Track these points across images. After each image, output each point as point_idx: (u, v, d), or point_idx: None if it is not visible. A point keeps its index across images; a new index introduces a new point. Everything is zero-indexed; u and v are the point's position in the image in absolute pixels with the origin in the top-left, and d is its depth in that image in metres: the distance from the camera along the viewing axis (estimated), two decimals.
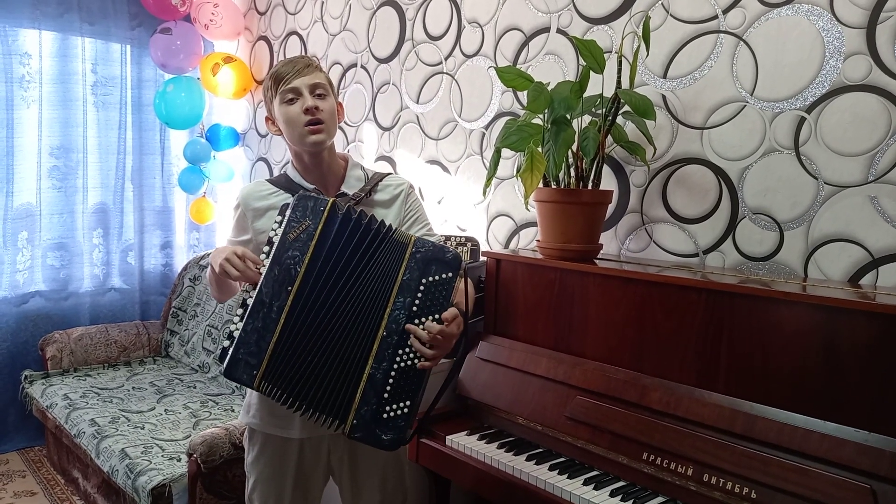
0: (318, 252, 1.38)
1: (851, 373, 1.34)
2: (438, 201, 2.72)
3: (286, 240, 1.39)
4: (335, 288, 1.38)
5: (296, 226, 1.39)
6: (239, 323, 1.39)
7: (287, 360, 1.37)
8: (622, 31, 2.06)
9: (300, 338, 1.38)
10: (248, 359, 1.35)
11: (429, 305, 1.37)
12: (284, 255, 1.39)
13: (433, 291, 1.38)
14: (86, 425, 2.64)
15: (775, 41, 1.76)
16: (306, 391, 1.37)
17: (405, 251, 1.40)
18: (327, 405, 1.37)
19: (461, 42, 2.59)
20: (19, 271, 3.45)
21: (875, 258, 1.62)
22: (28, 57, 3.38)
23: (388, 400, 1.36)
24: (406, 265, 1.39)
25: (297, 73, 1.50)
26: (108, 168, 3.69)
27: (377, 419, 1.35)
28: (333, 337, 1.38)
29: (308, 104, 1.49)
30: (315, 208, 1.41)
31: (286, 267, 1.38)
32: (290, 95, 1.50)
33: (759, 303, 1.46)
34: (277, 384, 1.36)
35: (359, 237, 1.40)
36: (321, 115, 1.50)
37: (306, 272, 1.38)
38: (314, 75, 1.52)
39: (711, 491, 1.40)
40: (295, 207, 1.40)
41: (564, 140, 1.77)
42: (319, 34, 3.28)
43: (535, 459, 1.66)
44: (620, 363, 1.69)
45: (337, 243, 1.39)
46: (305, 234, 1.39)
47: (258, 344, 1.36)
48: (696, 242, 1.94)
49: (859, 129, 1.63)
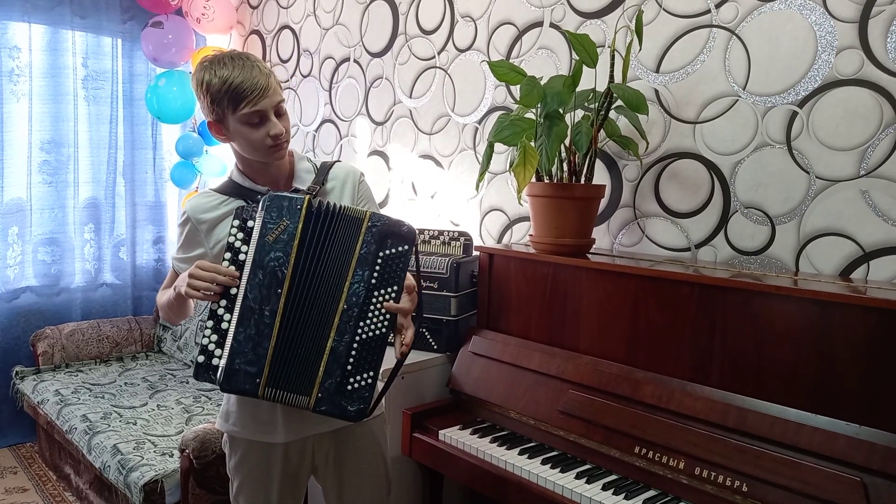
0: (300, 251, 1.37)
1: (843, 366, 1.34)
2: (431, 196, 2.71)
3: (265, 242, 1.35)
4: (315, 280, 1.38)
5: (273, 227, 1.36)
6: (212, 335, 1.36)
7: (286, 362, 1.36)
8: (615, 26, 2.06)
9: (293, 337, 1.37)
10: (246, 368, 1.33)
11: (386, 278, 1.38)
12: (266, 257, 1.35)
13: (390, 264, 1.39)
14: (77, 421, 2.63)
15: (768, 35, 1.76)
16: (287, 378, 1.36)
17: (361, 225, 1.38)
18: (293, 383, 1.36)
19: (454, 36, 2.58)
20: (10, 266, 3.42)
21: (866, 252, 1.63)
22: (18, 50, 3.35)
23: (351, 372, 1.36)
24: (363, 239, 1.38)
25: (261, 93, 1.39)
26: (99, 163, 3.66)
27: (342, 391, 1.35)
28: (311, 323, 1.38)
29: (276, 131, 1.41)
30: (291, 207, 1.37)
31: (271, 270, 1.35)
32: (255, 119, 1.40)
33: (752, 297, 1.46)
34: (281, 387, 1.36)
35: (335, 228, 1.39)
36: (286, 137, 1.45)
37: (293, 273, 1.36)
38: (275, 91, 1.42)
39: (703, 484, 1.41)
40: (269, 209, 1.36)
41: (557, 134, 1.76)
42: (312, 28, 3.26)
43: (528, 453, 1.66)
44: (613, 357, 1.69)
45: (315, 238, 1.38)
46: (286, 234, 1.36)
47: (255, 351, 1.34)
48: (688, 237, 1.94)
49: (851, 123, 1.64)
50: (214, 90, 1.39)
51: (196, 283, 1.35)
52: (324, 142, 3.25)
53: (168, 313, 1.54)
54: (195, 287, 1.35)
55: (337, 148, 3.17)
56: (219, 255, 1.51)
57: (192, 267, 1.37)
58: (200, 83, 1.42)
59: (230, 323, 1.36)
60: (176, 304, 1.49)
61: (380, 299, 1.37)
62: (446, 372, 2.03)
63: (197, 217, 1.51)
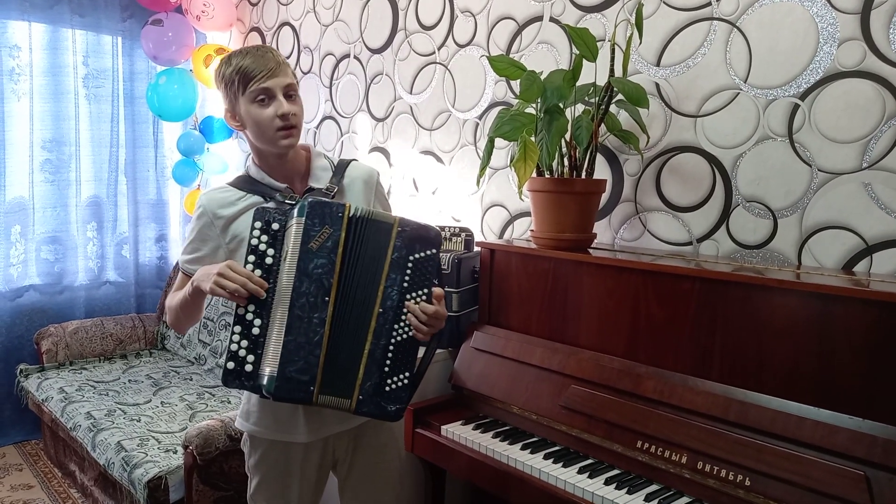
0: (345, 258, 1.38)
1: (845, 360, 1.34)
2: (433, 192, 2.71)
3: (307, 249, 1.36)
4: (355, 286, 1.39)
5: (315, 234, 1.36)
6: (241, 341, 1.36)
7: (334, 368, 1.37)
8: (615, 19, 2.05)
9: (339, 343, 1.38)
10: (299, 376, 1.34)
11: (417, 281, 1.41)
12: (310, 265, 1.36)
13: (420, 268, 1.41)
14: (82, 418, 2.64)
15: (769, 28, 1.75)
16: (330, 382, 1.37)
17: (391, 230, 1.40)
18: (336, 385, 1.37)
19: (454, 32, 2.57)
20: (13, 265, 3.43)
21: (869, 245, 1.62)
22: (18, 49, 3.35)
23: (388, 373, 1.39)
24: (393, 244, 1.40)
25: (269, 72, 1.41)
26: (101, 161, 3.67)
27: (380, 392, 1.38)
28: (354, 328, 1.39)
29: (284, 109, 1.42)
30: (333, 214, 1.37)
31: (317, 277, 1.36)
32: (262, 96, 1.42)
33: (753, 291, 1.46)
34: (334, 393, 1.37)
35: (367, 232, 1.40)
36: (294, 120, 1.45)
37: (339, 280, 1.37)
38: (286, 74, 1.44)
39: (705, 478, 1.40)
40: (310, 215, 1.36)
41: (557, 129, 1.76)
42: (312, 24, 3.25)
43: (530, 448, 1.66)
44: (615, 352, 1.69)
45: (357, 246, 1.39)
46: (331, 242, 1.36)
47: (307, 359, 1.34)
48: (689, 231, 1.93)
49: (853, 115, 1.63)
50: (228, 76, 1.44)
51: (225, 283, 1.33)
52: (325, 139, 3.25)
53: (178, 316, 1.53)
54: (223, 286, 1.33)
55: (338, 145, 3.17)
56: (234, 251, 1.51)
57: (222, 266, 1.35)
58: (218, 73, 1.48)
59: (263, 329, 1.36)
60: (191, 303, 1.48)
61: (412, 302, 1.40)
62: (448, 367, 2.03)
63: (214, 212, 1.50)
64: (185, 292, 1.47)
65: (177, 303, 1.51)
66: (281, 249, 1.39)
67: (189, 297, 1.46)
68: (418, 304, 1.39)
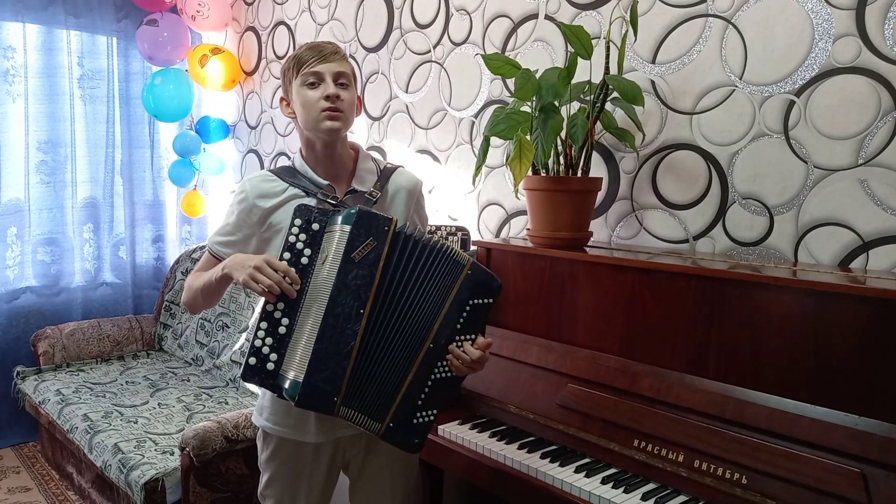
0: (384, 273, 1.37)
1: (842, 357, 1.33)
2: (429, 191, 2.70)
3: (350, 259, 1.35)
4: (398, 306, 1.38)
5: (359, 245, 1.35)
6: (266, 338, 1.35)
7: (361, 382, 1.37)
8: (610, 17, 2.04)
9: (370, 359, 1.37)
10: (324, 386, 1.33)
11: (468, 326, 1.41)
12: (350, 275, 1.35)
13: (475, 313, 1.41)
14: (78, 420, 2.64)
15: (764, 24, 1.75)
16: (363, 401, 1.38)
17: (462, 271, 1.40)
18: (370, 408, 1.38)
19: (449, 30, 2.56)
20: (9, 267, 3.43)
21: (865, 242, 1.62)
22: (12, 50, 3.34)
23: (420, 407, 1.40)
24: (460, 285, 1.40)
25: (322, 58, 1.46)
26: (97, 162, 3.66)
27: (408, 423, 1.39)
28: (392, 350, 1.39)
29: (330, 91, 1.44)
30: (379, 227, 1.37)
31: (354, 289, 1.35)
32: (311, 79, 1.45)
33: (750, 288, 1.45)
34: (355, 407, 1.37)
35: (424, 259, 1.39)
36: (341, 105, 1.45)
37: (376, 294, 1.36)
38: (340, 63, 1.47)
39: (702, 477, 1.40)
40: (357, 224, 1.35)
41: (552, 127, 1.75)
42: (307, 24, 3.25)
43: (527, 448, 1.66)
44: (611, 351, 1.68)
45: (400, 263, 1.38)
46: (374, 254, 1.36)
47: (334, 370, 1.33)
48: (686, 228, 1.93)
49: (849, 111, 1.62)
50: (285, 64, 1.51)
51: (261, 278, 1.32)
52: None
53: (197, 297, 1.52)
54: (258, 280, 1.32)
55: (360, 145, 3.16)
56: (268, 241, 1.51)
57: (259, 259, 1.34)
58: (281, 71, 1.55)
59: (290, 330, 1.36)
60: (214, 288, 1.47)
61: (459, 344, 1.40)
62: None
63: (257, 201, 1.50)
64: (211, 276, 1.45)
65: (200, 284, 1.49)
66: (318, 251, 1.37)
67: (214, 282, 1.45)
68: (463, 348, 1.40)
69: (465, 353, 1.39)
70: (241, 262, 1.37)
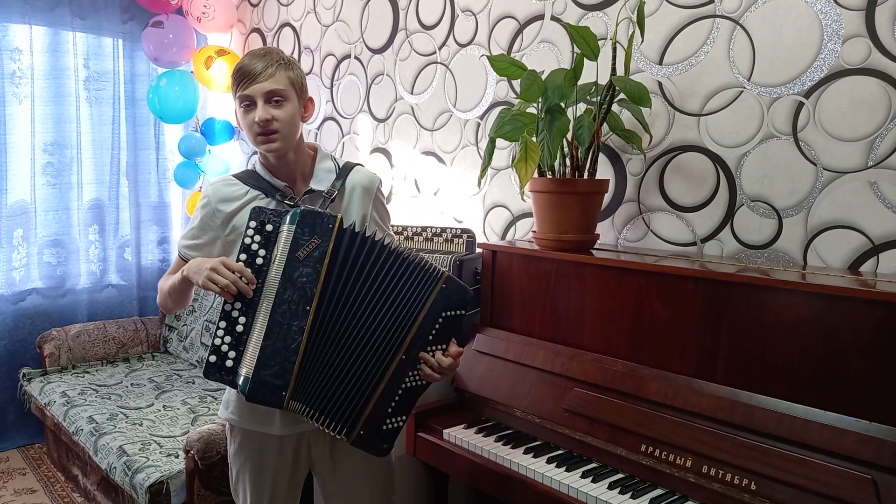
0: (331, 270, 1.39)
1: (852, 362, 1.32)
2: (434, 193, 2.69)
3: (295, 258, 1.38)
4: (353, 306, 1.41)
5: (304, 244, 1.38)
6: (225, 336, 1.39)
7: (311, 378, 1.40)
8: (616, 17, 2.03)
9: (321, 355, 1.40)
10: (273, 381, 1.37)
11: (441, 336, 1.43)
12: (295, 273, 1.38)
13: (448, 324, 1.44)
14: (84, 422, 2.63)
15: (772, 25, 1.73)
16: (323, 402, 1.40)
17: (436, 285, 1.41)
18: (339, 415, 1.41)
19: (455, 31, 2.55)
20: (15, 269, 3.43)
21: (875, 245, 1.60)
22: (19, 52, 3.35)
23: (390, 414, 1.43)
24: (434, 299, 1.41)
25: (251, 79, 1.44)
26: (102, 164, 3.66)
27: (378, 430, 1.42)
28: (353, 352, 1.41)
29: (259, 116, 1.43)
30: (323, 225, 1.40)
31: (300, 286, 1.38)
32: (246, 102, 1.46)
33: (758, 291, 1.44)
34: (303, 401, 1.40)
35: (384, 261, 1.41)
36: (274, 126, 1.45)
37: (322, 291, 1.39)
38: (272, 80, 1.44)
39: (710, 482, 1.38)
40: (301, 224, 1.39)
41: (558, 129, 1.74)
42: (312, 25, 3.24)
43: (533, 452, 1.65)
44: (618, 354, 1.67)
45: (347, 260, 1.40)
46: (318, 252, 1.38)
47: (282, 365, 1.37)
48: (693, 231, 1.91)
49: (858, 113, 1.60)
50: (232, 76, 1.50)
51: (217, 279, 1.37)
52: (326, 140, 3.24)
53: (167, 299, 1.57)
54: (214, 281, 1.37)
55: (339, 146, 3.16)
56: (232, 243, 1.54)
57: (215, 261, 1.39)
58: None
59: (247, 328, 1.39)
60: (179, 290, 1.52)
61: (431, 353, 1.42)
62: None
63: (217, 205, 1.54)
64: (175, 279, 1.51)
65: (167, 286, 1.56)
66: (272, 251, 1.41)
67: (178, 284, 1.51)
68: (435, 356, 1.42)
69: (437, 361, 1.42)
70: (198, 265, 1.42)
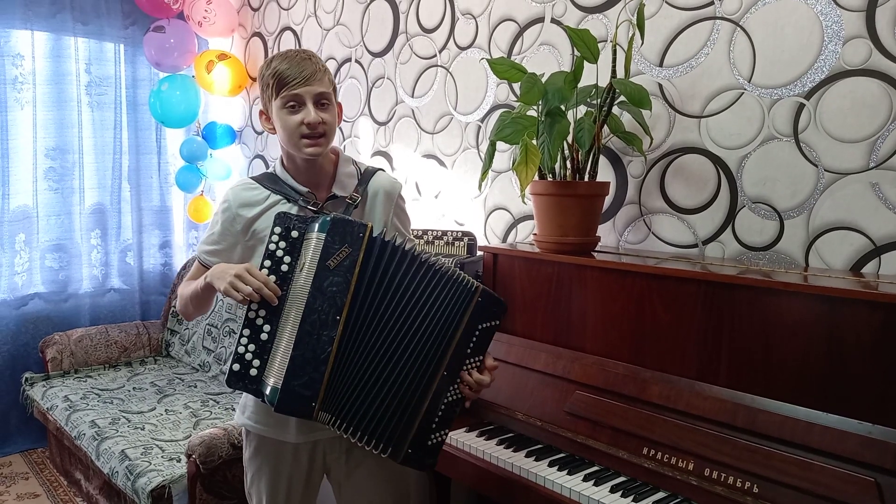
0: (361, 279, 1.37)
1: (855, 364, 1.31)
2: (435, 196, 2.69)
3: (325, 266, 1.35)
4: (384, 316, 1.38)
5: (334, 252, 1.36)
6: (249, 345, 1.36)
7: (342, 389, 1.37)
8: (617, 20, 2.03)
9: (352, 366, 1.38)
10: (302, 391, 1.34)
11: (477, 348, 1.43)
12: (325, 282, 1.35)
13: (483, 337, 1.43)
14: (86, 427, 2.64)
15: (773, 26, 1.73)
16: (363, 419, 1.38)
17: (473, 297, 1.40)
18: (382, 434, 1.38)
19: (455, 34, 2.55)
20: (18, 273, 3.44)
21: (877, 246, 1.60)
22: (21, 58, 3.36)
23: (434, 429, 1.42)
24: (472, 313, 1.40)
25: (303, 80, 1.42)
26: (104, 168, 3.67)
27: (423, 446, 1.41)
28: (388, 365, 1.38)
29: (311, 118, 1.42)
30: (353, 234, 1.37)
31: (330, 295, 1.36)
32: (292, 102, 1.43)
33: (760, 294, 1.43)
34: (334, 412, 1.37)
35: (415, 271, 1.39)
36: (322, 129, 1.44)
37: (352, 300, 1.36)
38: (319, 83, 1.44)
39: (713, 485, 1.38)
40: (331, 232, 1.36)
41: (559, 132, 1.74)
42: (313, 29, 3.25)
43: (535, 455, 1.64)
44: (619, 357, 1.66)
45: (378, 270, 1.38)
46: (349, 261, 1.36)
47: (312, 375, 1.35)
48: (695, 233, 1.91)
49: (860, 114, 1.60)
50: (265, 78, 1.46)
51: (241, 286, 1.33)
52: None
53: (188, 305, 1.54)
54: (238, 289, 1.33)
55: (340, 149, 3.16)
56: (252, 248, 1.52)
57: (240, 268, 1.36)
58: (259, 75, 1.49)
59: (271, 336, 1.37)
60: (201, 296, 1.49)
61: (469, 367, 1.43)
62: None
63: (240, 210, 1.52)
64: (197, 285, 1.48)
65: (189, 293, 1.52)
66: (297, 258, 1.38)
67: (200, 291, 1.47)
68: (471, 373, 1.42)
69: (477, 381, 1.42)
70: (222, 271, 1.39)
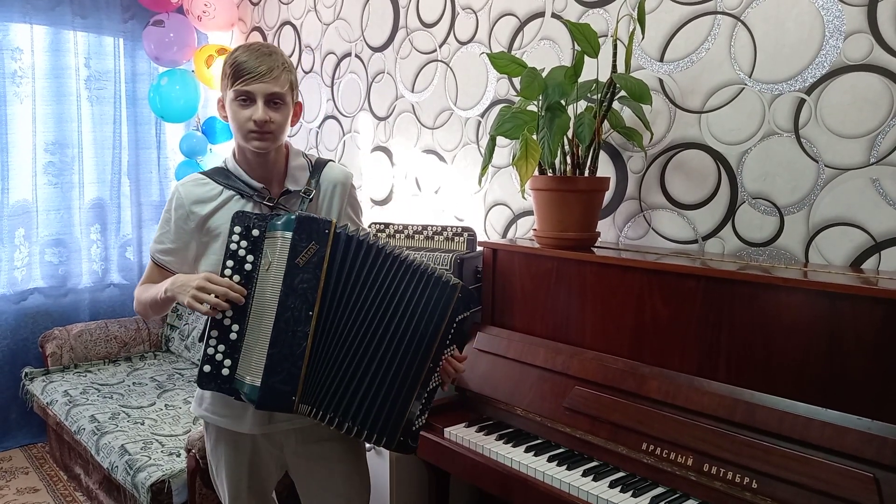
0: (329, 275, 1.39)
1: (854, 359, 1.31)
2: (435, 191, 2.69)
3: (294, 265, 1.37)
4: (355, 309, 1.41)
5: (301, 250, 1.38)
6: (218, 346, 1.39)
7: (320, 382, 1.40)
8: (617, 15, 2.02)
9: (329, 359, 1.40)
10: (281, 387, 1.37)
11: (455, 337, 1.50)
12: (296, 279, 1.37)
13: (461, 326, 1.49)
14: (86, 422, 2.64)
15: (774, 21, 1.72)
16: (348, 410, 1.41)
17: (455, 293, 1.45)
18: (377, 424, 1.42)
19: (455, 29, 2.55)
20: (17, 268, 3.43)
21: (877, 242, 1.59)
22: (20, 52, 3.35)
23: (418, 416, 1.47)
24: (453, 308, 1.45)
25: (257, 76, 1.41)
26: (104, 163, 3.67)
27: (410, 431, 1.46)
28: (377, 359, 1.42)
29: (258, 116, 1.41)
30: (319, 231, 1.39)
31: (301, 292, 1.38)
32: (243, 97, 1.43)
33: (760, 289, 1.43)
34: (313, 404, 1.40)
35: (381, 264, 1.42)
36: (270, 127, 1.44)
37: (323, 295, 1.39)
38: (274, 82, 1.42)
39: (712, 481, 1.38)
40: (298, 230, 1.38)
41: (559, 126, 1.73)
42: (313, 23, 3.24)
43: (534, 451, 1.64)
44: (619, 353, 1.66)
45: (345, 264, 1.40)
46: (316, 258, 1.39)
47: (290, 371, 1.37)
48: (695, 229, 1.91)
49: (860, 110, 1.60)
50: (224, 66, 1.46)
51: (206, 297, 1.34)
52: (327, 138, 3.24)
53: (147, 310, 1.54)
54: (203, 300, 1.34)
55: (340, 144, 3.15)
56: (206, 245, 1.51)
57: (200, 279, 1.36)
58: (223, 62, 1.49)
59: (240, 335, 1.40)
60: (161, 305, 1.50)
61: (447, 356, 1.49)
62: None
63: (193, 207, 1.51)
64: (156, 294, 1.47)
65: (147, 299, 1.51)
66: (260, 256, 1.40)
67: (160, 301, 1.47)
68: (451, 362, 1.50)
69: (454, 368, 1.51)
70: (182, 284, 1.39)
